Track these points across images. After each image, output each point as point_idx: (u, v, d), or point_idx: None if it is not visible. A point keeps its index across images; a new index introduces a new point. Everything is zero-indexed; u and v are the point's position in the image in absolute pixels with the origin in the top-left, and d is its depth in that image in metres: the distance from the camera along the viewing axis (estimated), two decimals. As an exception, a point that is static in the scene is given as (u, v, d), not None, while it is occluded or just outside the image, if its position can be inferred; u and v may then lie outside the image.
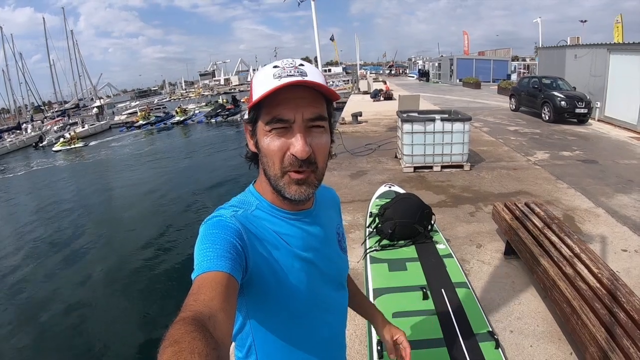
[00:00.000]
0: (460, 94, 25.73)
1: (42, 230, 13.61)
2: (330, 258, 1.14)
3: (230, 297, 0.77)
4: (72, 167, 25.79)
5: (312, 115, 0.92)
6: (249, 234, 0.93)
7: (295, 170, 0.94)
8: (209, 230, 0.90)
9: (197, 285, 0.77)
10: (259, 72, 0.98)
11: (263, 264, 0.94)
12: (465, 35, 44.91)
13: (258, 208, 1.02)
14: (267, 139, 0.93)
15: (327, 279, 1.12)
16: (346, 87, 38.54)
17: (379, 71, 72.23)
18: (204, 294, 0.74)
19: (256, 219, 1.00)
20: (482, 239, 4.92)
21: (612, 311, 2.59)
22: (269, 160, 0.95)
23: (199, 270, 0.80)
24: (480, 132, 11.95)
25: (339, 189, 7.36)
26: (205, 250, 0.84)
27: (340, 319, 1.23)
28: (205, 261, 0.82)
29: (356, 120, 15.14)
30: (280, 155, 0.93)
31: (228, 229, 0.90)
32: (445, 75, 38.18)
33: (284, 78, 0.89)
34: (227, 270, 0.80)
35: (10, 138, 40.56)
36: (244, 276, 0.89)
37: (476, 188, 6.95)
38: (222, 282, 0.78)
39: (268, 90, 0.87)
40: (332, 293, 1.15)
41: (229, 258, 0.83)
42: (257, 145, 0.98)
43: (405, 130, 7.99)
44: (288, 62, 0.95)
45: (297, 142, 0.91)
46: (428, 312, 2.67)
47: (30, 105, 65.16)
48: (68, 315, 7.81)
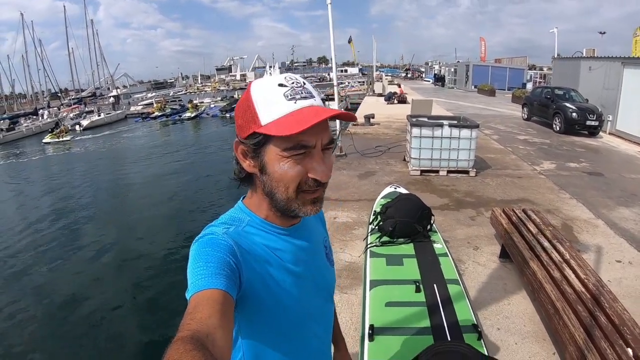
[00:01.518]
0: (474, 100, 25.70)
1: (52, 214, 14.03)
2: (320, 271, 1.15)
3: (227, 314, 0.77)
4: (86, 155, 26.35)
5: (328, 140, 0.93)
6: (242, 251, 0.92)
7: (311, 190, 0.94)
8: (201, 249, 0.89)
9: (194, 304, 0.76)
10: (261, 88, 0.93)
11: (256, 280, 0.94)
12: (483, 41, 44.50)
13: (249, 224, 1.01)
14: (285, 165, 0.90)
15: (317, 292, 1.13)
16: (361, 89, 38.56)
17: (395, 74, 72.06)
18: (200, 312, 0.73)
19: (248, 235, 0.99)
20: (479, 242, 5.06)
21: (593, 314, 2.71)
22: (282, 185, 0.93)
23: (195, 289, 0.79)
24: (489, 140, 12.02)
25: (347, 188, 7.52)
26: (199, 269, 0.83)
27: (328, 330, 1.24)
28: (200, 279, 0.81)
29: (368, 122, 15.24)
30: (299, 180, 0.92)
31: (221, 247, 0.89)
32: (461, 81, 38.04)
33: (300, 100, 0.90)
34: (223, 287, 0.80)
35: (26, 123, 40.95)
36: (238, 292, 0.88)
37: (479, 194, 7.06)
38: (219, 300, 0.77)
39: (303, 125, 0.84)
40: (321, 305, 1.16)
41: (224, 275, 0.83)
42: (261, 168, 0.95)
43: (413, 134, 8.12)
44: (293, 79, 0.94)
45: (320, 167, 0.91)
46: (419, 303, 2.83)
47: (48, 91, 65.57)
48: (73, 303, 8.00)
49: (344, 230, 5.59)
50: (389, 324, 2.64)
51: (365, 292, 3.17)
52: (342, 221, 5.92)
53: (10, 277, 9.55)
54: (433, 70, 56.54)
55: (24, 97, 66.96)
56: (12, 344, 6.74)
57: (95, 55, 64.96)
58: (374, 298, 3.02)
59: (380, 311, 2.83)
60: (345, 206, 6.55)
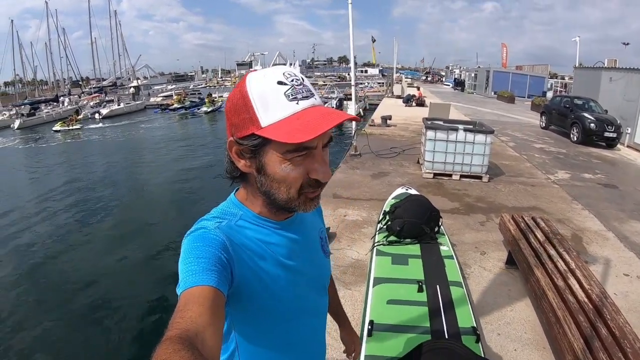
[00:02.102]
0: (493, 106, 25.48)
1: (68, 198, 14.29)
2: (314, 263, 1.14)
3: (218, 311, 0.76)
4: (103, 143, 26.86)
5: (327, 139, 0.93)
6: (234, 245, 0.91)
7: (312, 189, 0.94)
8: (192, 244, 0.87)
9: (184, 302, 0.75)
10: (259, 85, 0.89)
11: (249, 275, 0.92)
12: (504, 47, 43.97)
13: (242, 218, 1.00)
14: (287, 167, 0.89)
15: (311, 285, 1.12)
16: (380, 90, 38.48)
17: (416, 76, 71.69)
18: (190, 310, 0.72)
19: (240, 229, 0.97)
20: (487, 247, 5.04)
21: (594, 325, 2.69)
22: (284, 187, 0.92)
23: (185, 286, 0.78)
24: (505, 147, 11.92)
25: (359, 187, 7.54)
26: (190, 265, 0.82)
27: (322, 322, 1.24)
28: (190, 276, 0.79)
29: (385, 123, 15.23)
30: (302, 181, 0.91)
31: (212, 242, 0.87)
32: (481, 87, 37.70)
33: (302, 101, 0.88)
34: (214, 284, 0.78)
35: (47, 109, 41.58)
36: (230, 287, 0.87)
37: (491, 199, 7.02)
38: (209, 297, 0.76)
39: (312, 134, 0.82)
40: (315, 297, 1.15)
41: (215, 271, 0.81)
42: (259, 169, 0.93)
43: (428, 137, 8.09)
44: (292, 76, 0.91)
45: (322, 167, 0.91)
46: (420, 303, 2.84)
47: (69, 79, 66.54)
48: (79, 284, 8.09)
49: (353, 228, 5.61)
50: (388, 321, 2.66)
51: (369, 288, 3.18)
52: (352, 219, 5.93)
53: (18, 254, 9.79)
54: (453, 75, 56.02)
55: (46, 84, 67.98)
56: (23, 328, 6.83)
57: (118, 45, 65.67)
58: (377, 295, 3.04)
59: (382, 308, 2.84)
60: (356, 205, 6.57)
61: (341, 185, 7.68)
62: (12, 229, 11.48)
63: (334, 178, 8.27)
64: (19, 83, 67.67)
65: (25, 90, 61.09)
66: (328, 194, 7.19)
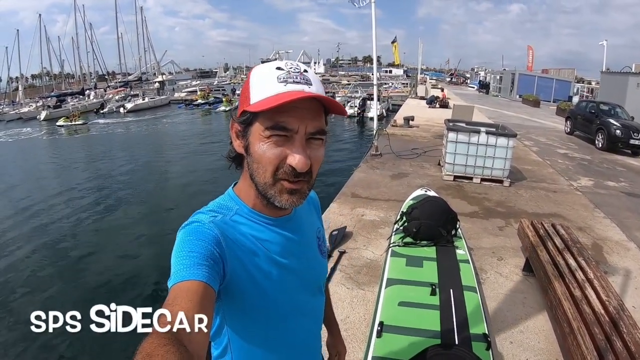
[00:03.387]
0: (517, 110, 25.05)
1: (90, 188, 14.82)
2: (310, 263, 1.12)
3: (206, 307, 0.76)
4: (127, 136, 27.74)
5: (314, 129, 0.90)
6: (227, 240, 0.90)
7: (289, 180, 0.91)
8: (186, 237, 0.87)
9: (173, 296, 0.75)
10: (259, 70, 0.94)
11: (241, 271, 0.92)
12: (530, 50, 43.21)
13: (237, 213, 0.99)
14: (264, 145, 0.89)
15: (305, 285, 1.10)
16: (404, 91, 38.22)
17: (440, 78, 71.01)
18: (178, 305, 0.72)
19: (235, 224, 0.97)
20: (504, 253, 4.94)
21: (609, 338, 2.61)
22: (261, 168, 0.91)
23: (175, 279, 0.78)
24: (528, 151, 11.71)
25: (378, 187, 7.49)
26: (182, 258, 0.82)
27: (316, 322, 1.22)
28: (181, 270, 0.79)
29: (407, 124, 15.12)
30: (276, 164, 0.89)
31: (206, 236, 0.87)
32: (506, 90, 37.09)
33: (291, 84, 0.88)
34: (204, 279, 0.78)
35: (73, 102, 42.68)
36: (222, 283, 0.86)
37: (511, 204, 6.89)
38: (198, 292, 0.76)
39: (279, 100, 0.83)
40: (309, 298, 1.13)
41: (206, 266, 0.81)
42: (247, 149, 0.94)
43: (449, 139, 8.00)
44: (293, 65, 0.92)
45: (298, 154, 0.88)
46: (432, 306, 2.80)
47: (95, 73, 67.40)
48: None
49: (369, 228, 5.57)
50: (399, 323, 2.63)
51: (381, 289, 3.16)
52: (369, 219, 5.90)
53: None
54: (478, 77, 55.37)
55: (72, 77, 69.04)
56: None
57: (143, 41, 66.44)
58: (388, 296, 3.01)
59: (393, 310, 2.81)
60: (374, 205, 6.53)
61: (360, 185, 7.65)
62: (40, 216, 11.87)
63: (354, 177, 8.25)
64: (46, 76, 68.94)
65: (52, 83, 62.59)
66: (346, 192, 7.18)
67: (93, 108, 41.00)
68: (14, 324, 6.39)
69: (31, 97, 50.39)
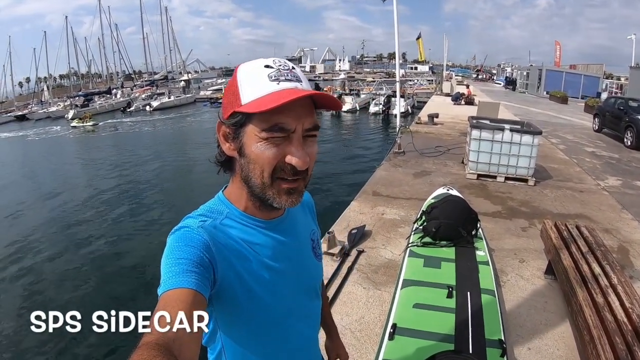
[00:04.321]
0: (544, 107, 24.42)
1: (115, 183, 15.36)
2: (304, 266, 1.10)
3: None
4: (153, 133, 28.66)
5: (310, 125, 0.89)
6: (218, 245, 0.88)
7: (287, 178, 0.89)
8: (175, 243, 0.85)
9: (162, 304, 0.72)
10: (247, 69, 0.90)
11: (232, 276, 0.90)
12: (558, 45, 41.97)
13: (228, 217, 0.97)
14: (262, 146, 0.86)
15: (299, 288, 1.07)
16: (429, 87, 37.85)
17: (466, 74, 70.07)
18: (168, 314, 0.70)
19: (225, 228, 0.94)
20: (527, 255, 4.78)
21: (631, 349, 2.46)
22: (258, 168, 0.88)
23: (164, 287, 0.76)
24: (555, 149, 11.41)
25: (400, 185, 7.40)
26: (170, 266, 0.80)
27: (313, 327, 1.19)
28: (170, 277, 0.77)
29: (432, 122, 14.95)
30: (274, 163, 0.87)
31: (194, 242, 0.85)
32: (533, 86, 36.20)
33: (283, 82, 0.86)
34: (193, 286, 0.76)
35: (100, 101, 44.48)
36: (212, 289, 0.84)
37: (535, 204, 6.71)
38: (187, 300, 0.74)
39: (278, 101, 0.81)
40: (304, 302, 1.10)
41: (195, 272, 0.79)
42: (240, 151, 0.91)
43: (473, 136, 7.83)
44: (281, 63, 0.90)
45: (298, 152, 0.86)
46: (448, 309, 2.73)
47: (122, 72, 69.47)
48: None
49: (389, 227, 5.50)
50: (412, 326, 2.57)
51: (397, 290, 3.11)
52: (389, 218, 5.83)
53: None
54: (505, 73, 54.27)
55: (99, 77, 71.07)
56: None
57: (169, 40, 68.11)
58: (403, 298, 2.95)
59: (407, 311, 2.76)
60: (395, 203, 6.45)
61: (382, 183, 7.57)
62: (66, 210, 12.31)
63: (375, 175, 8.17)
64: (73, 76, 70.82)
65: (80, 83, 64.45)
66: (368, 191, 7.12)
67: (120, 107, 42.25)
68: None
69: (59, 96, 51.89)
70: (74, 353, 5.49)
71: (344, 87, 38.38)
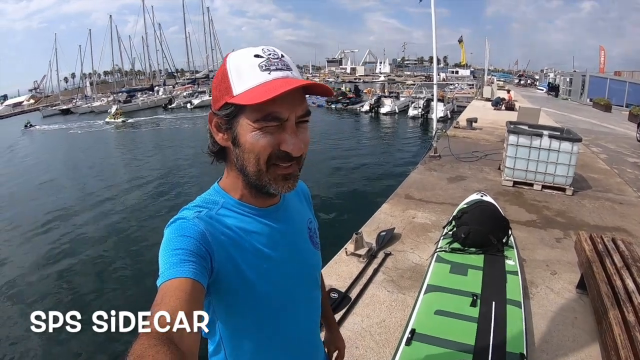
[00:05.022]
0: (587, 114, 23.49)
1: (157, 175, 16.02)
2: (301, 255, 1.08)
3: (196, 303, 0.74)
4: (193, 130, 29.42)
5: (302, 112, 0.90)
6: (214, 235, 0.88)
7: (283, 164, 0.90)
8: (171, 235, 0.85)
9: (161, 295, 0.73)
10: (237, 59, 0.90)
11: (229, 265, 0.89)
12: (602, 51, 40.10)
13: (224, 206, 0.96)
14: (256, 135, 0.86)
15: (297, 277, 1.06)
16: (470, 92, 37.12)
17: (508, 79, 68.42)
18: (167, 303, 0.70)
19: (221, 217, 0.94)
20: (559, 267, 4.57)
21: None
22: (253, 157, 0.88)
23: (163, 278, 0.76)
24: (596, 158, 10.95)
25: (433, 190, 7.29)
26: (168, 257, 0.80)
27: (311, 316, 1.16)
28: (168, 268, 0.77)
29: (470, 126, 14.66)
30: (269, 152, 0.88)
31: (191, 232, 0.84)
32: (576, 93, 34.85)
33: (274, 72, 0.86)
34: (191, 275, 0.76)
35: (142, 97, 46.04)
36: (210, 278, 0.84)
37: (572, 215, 6.44)
38: (186, 289, 0.74)
39: (272, 93, 0.81)
40: (303, 291, 1.09)
41: (193, 262, 0.79)
42: (234, 140, 0.91)
43: (510, 142, 7.58)
44: (270, 51, 0.90)
45: (292, 139, 0.87)
46: (470, 318, 2.65)
47: (164, 70, 71.07)
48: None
49: (419, 231, 5.41)
50: (431, 332, 2.50)
51: (419, 295, 3.04)
52: (420, 222, 5.73)
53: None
54: (547, 79, 52.65)
55: (143, 74, 73.04)
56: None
57: (210, 40, 69.63)
58: (425, 303, 2.89)
59: (427, 318, 2.69)
60: (427, 207, 6.34)
61: (415, 187, 7.46)
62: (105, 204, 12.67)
63: (409, 178, 8.06)
64: (117, 73, 72.97)
65: (124, 80, 66.44)
66: (400, 194, 7.03)
67: (161, 103, 43.70)
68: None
69: (103, 92, 53.84)
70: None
71: (384, 90, 38.02)
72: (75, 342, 5.51)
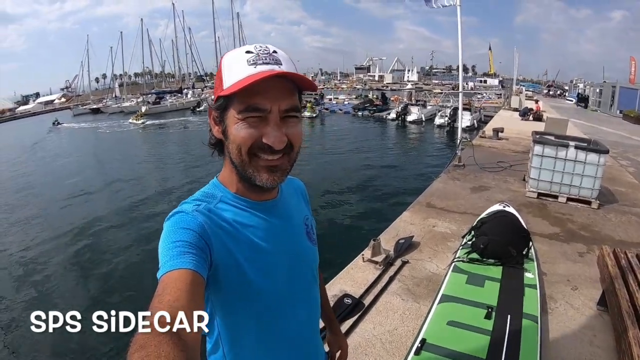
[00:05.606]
0: (617, 126, 22.76)
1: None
2: (298, 250, 1.08)
3: (196, 294, 0.75)
4: None
5: (287, 107, 0.90)
6: (212, 228, 0.89)
7: (266, 157, 0.90)
8: (171, 227, 0.86)
9: (162, 286, 0.73)
10: (229, 55, 0.94)
11: (227, 258, 0.89)
12: (633, 61, 38.77)
13: (222, 200, 0.97)
14: (239, 126, 0.89)
15: (294, 272, 1.05)
16: (497, 102, 36.55)
17: (537, 89, 67.16)
18: (168, 294, 0.71)
19: (220, 211, 0.94)
20: (580, 283, 4.40)
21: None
22: (235, 147, 0.90)
23: (163, 270, 0.77)
24: (624, 172, 10.60)
25: (455, 199, 7.18)
26: (168, 249, 0.80)
27: (310, 313, 1.14)
28: (168, 260, 0.78)
29: (496, 136, 14.42)
30: (251, 142, 0.89)
31: (190, 224, 0.86)
32: (605, 104, 33.77)
33: (260, 65, 0.87)
34: (191, 267, 0.77)
35: (171, 99, 47.14)
36: (209, 271, 0.85)
37: (597, 229, 6.22)
38: (187, 280, 0.74)
39: (247, 82, 0.83)
40: (300, 286, 1.08)
41: (192, 254, 0.80)
42: (224, 132, 0.93)
43: (535, 152, 7.41)
44: (262, 47, 0.91)
45: (275, 132, 0.88)
46: (484, 331, 2.58)
47: (194, 74, 73.04)
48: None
49: (438, 240, 5.33)
50: (442, 343, 2.44)
51: (433, 305, 2.98)
52: (440, 231, 5.64)
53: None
54: (577, 89, 51.42)
55: (172, 77, 74.72)
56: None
57: (240, 45, 70.33)
58: (438, 313, 2.82)
59: (439, 328, 2.63)
60: (448, 217, 6.24)
61: (437, 195, 7.36)
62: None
63: (432, 187, 7.97)
64: (147, 75, 74.48)
65: (154, 82, 67.81)
66: (422, 202, 6.95)
67: (190, 106, 44.58)
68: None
69: (133, 93, 55.15)
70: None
71: (411, 98, 37.67)
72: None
